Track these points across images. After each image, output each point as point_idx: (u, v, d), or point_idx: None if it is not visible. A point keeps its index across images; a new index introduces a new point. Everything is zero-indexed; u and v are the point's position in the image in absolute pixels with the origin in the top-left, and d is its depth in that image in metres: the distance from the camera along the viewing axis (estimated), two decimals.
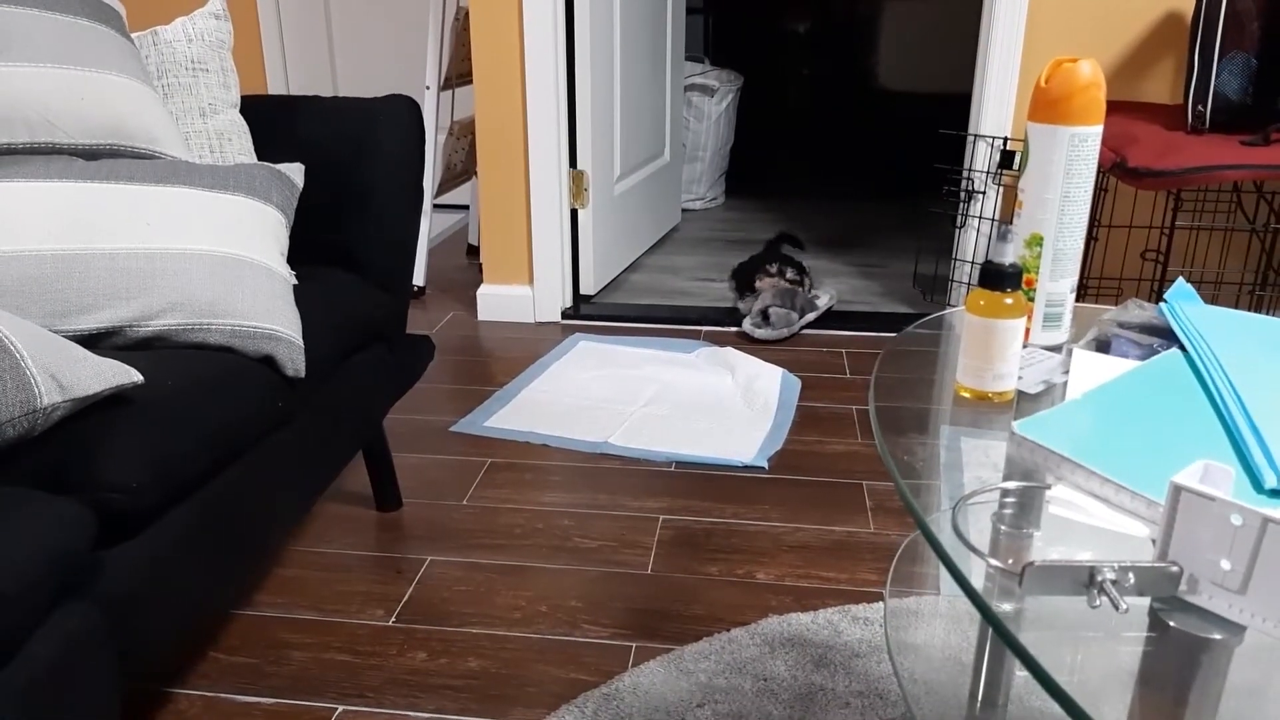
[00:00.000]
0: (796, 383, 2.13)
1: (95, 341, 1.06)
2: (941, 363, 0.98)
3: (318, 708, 1.20)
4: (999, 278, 0.81)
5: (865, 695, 1.21)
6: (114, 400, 0.91)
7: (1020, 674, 1.12)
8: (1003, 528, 0.75)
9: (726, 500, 1.68)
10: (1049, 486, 0.71)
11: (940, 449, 0.80)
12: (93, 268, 1.05)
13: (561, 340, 2.41)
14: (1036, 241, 0.93)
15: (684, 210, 3.61)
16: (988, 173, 2.34)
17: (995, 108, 2.31)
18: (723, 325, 2.48)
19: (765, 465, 1.78)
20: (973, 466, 0.77)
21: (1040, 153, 0.92)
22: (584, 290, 2.65)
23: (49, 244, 1.04)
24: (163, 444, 0.90)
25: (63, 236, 1.05)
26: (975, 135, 2.35)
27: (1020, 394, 0.87)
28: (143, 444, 0.88)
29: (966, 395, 0.86)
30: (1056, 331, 0.96)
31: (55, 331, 1.04)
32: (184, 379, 0.98)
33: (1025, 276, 0.93)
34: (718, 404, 2.03)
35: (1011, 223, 0.92)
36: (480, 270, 2.63)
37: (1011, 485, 0.73)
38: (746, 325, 2.40)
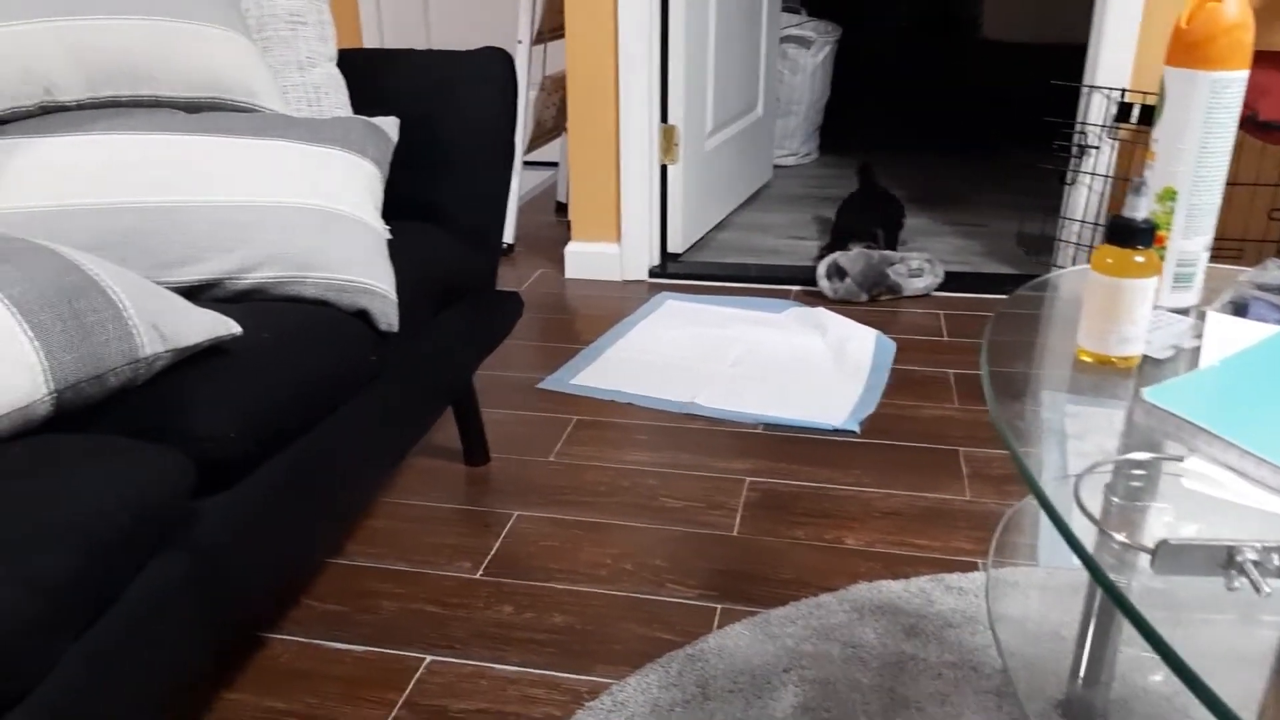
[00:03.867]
0: (891, 345, 2.07)
1: (194, 293, 1.08)
2: (1057, 325, 0.92)
3: (407, 657, 1.22)
4: (1130, 233, 0.75)
5: (958, 666, 1.17)
6: (212, 351, 0.92)
7: (1126, 650, 1.07)
8: (1115, 499, 0.70)
9: (816, 464, 1.64)
10: (1181, 459, 0.66)
11: (1059, 416, 0.75)
12: (193, 220, 1.06)
13: (648, 299, 2.39)
14: (1170, 195, 0.86)
15: (776, 166, 3.52)
16: (1103, 127, 2.22)
17: (1112, 58, 2.18)
18: (814, 285, 2.42)
19: (857, 429, 1.74)
20: (1094, 434, 0.72)
21: (1177, 100, 0.85)
22: (672, 248, 2.61)
23: (151, 196, 1.06)
24: (259, 396, 0.91)
25: (165, 189, 1.07)
26: (1090, 86, 2.22)
27: (1146, 359, 0.81)
28: (240, 396, 0.89)
29: (1088, 359, 0.80)
30: (1187, 293, 0.89)
31: (157, 283, 1.05)
32: (280, 332, 0.99)
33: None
34: (808, 365, 1.98)
35: (1142, 175, 0.86)
36: (568, 228, 2.61)
37: (1143, 457, 0.68)
38: (820, 270, 2.32)
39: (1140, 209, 0.76)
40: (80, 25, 1.12)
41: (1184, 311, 0.89)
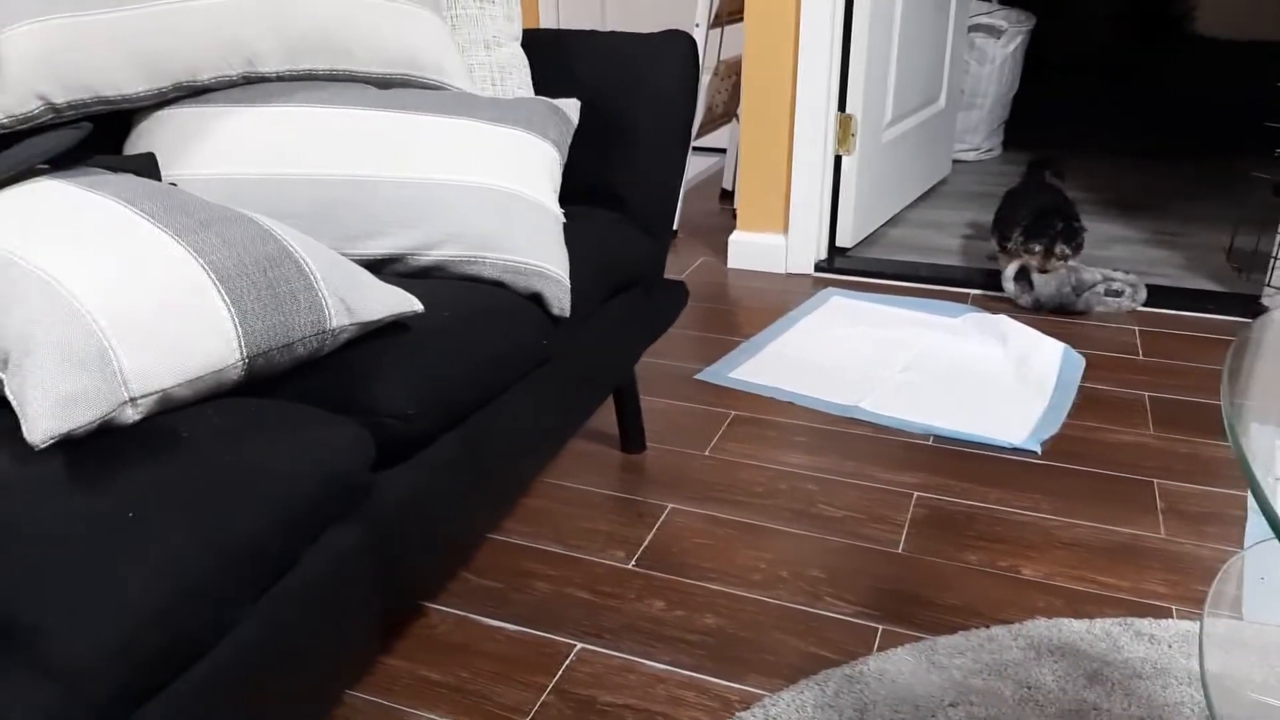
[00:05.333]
0: (1079, 360, 1.92)
1: (378, 267, 1.09)
2: None
3: (558, 642, 1.21)
4: None
5: None
6: (393, 327, 0.92)
7: None
8: None
9: (990, 483, 1.53)
10: None
11: None
12: (380, 194, 1.07)
13: (813, 294, 2.31)
14: None
15: (955, 161, 3.35)
16: None
17: None
18: (991, 289, 2.28)
19: (1038, 449, 1.62)
20: None
21: None
22: (840, 242, 2.52)
23: (342, 169, 1.08)
24: (437, 374, 0.91)
25: (355, 162, 1.08)
26: None
27: None
28: (419, 373, 0.89)
29: None
30: None
31: (343, 255, 1.07)
32: (459, 311, 0.99)
33: None
34: (985, 376, 1.86)
35: None
36: (733, 216, 2.56)
37: None
38: (1008, 272, 2.18)
39: None
40: None
41: None
